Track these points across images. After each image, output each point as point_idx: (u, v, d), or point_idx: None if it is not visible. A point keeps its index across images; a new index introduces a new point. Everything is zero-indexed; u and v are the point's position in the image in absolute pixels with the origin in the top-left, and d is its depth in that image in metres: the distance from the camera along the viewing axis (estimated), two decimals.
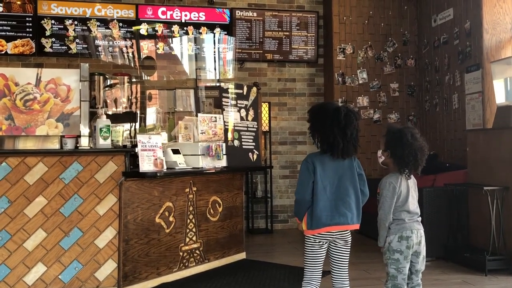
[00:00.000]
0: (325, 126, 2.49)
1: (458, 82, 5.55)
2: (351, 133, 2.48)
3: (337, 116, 2.47)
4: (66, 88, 3.52)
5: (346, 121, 2.46)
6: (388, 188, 2.60)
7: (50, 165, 3.41)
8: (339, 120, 2.46)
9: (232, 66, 5.77)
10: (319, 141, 2.54)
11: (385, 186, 2.62)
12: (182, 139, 4.35)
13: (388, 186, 2.61)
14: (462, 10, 5.51)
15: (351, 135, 2.48)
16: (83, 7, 6.02)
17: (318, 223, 2.49)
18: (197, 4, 6.30)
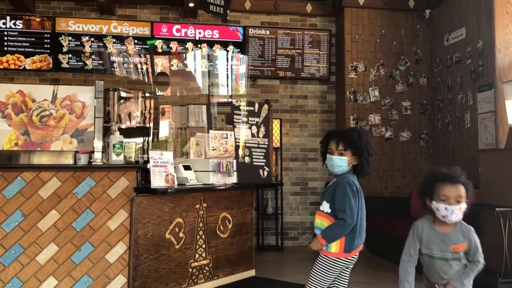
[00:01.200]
0: (368, 148, 2.61)
1: (471, 101, 5.54)
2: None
3: (368, 138, 2.68)
4: (81, 105, 3.60)
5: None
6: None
7: (63, 180, 3.47)
8: (370, 142, 2.66)
9: (244, 82, 5.84)
10: (366, 162, 2.60)
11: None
12: (194, 155, 4.39)
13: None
14: (474, 29, 5.52)
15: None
16: (100, 24, 6.16)
17: (355, 246, 2.55)
18: (211, 22, 6.40)
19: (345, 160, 2.59)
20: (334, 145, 2.62)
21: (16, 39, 5.97)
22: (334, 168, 2.62)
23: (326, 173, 6.60)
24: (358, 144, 2.59)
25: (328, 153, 2.65)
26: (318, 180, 6.63)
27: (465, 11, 5.70)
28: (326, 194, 2.63)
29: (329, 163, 2.63)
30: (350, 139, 2.60)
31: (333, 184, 2.64)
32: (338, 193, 2.54)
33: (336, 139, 2.62)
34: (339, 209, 2.52)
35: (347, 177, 2.59)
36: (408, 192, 6.15)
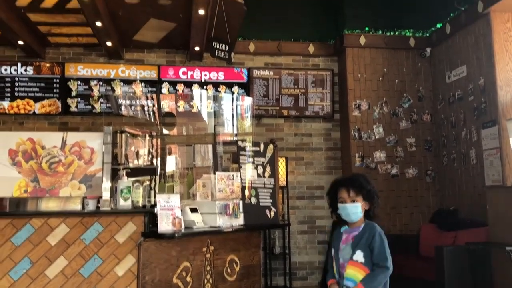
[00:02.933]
0: (376, 191, 2.68)
1: (475, 137, 5.57)
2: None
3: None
4: (90, 151, 3.66)
5: None
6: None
7: (72, 226, 3.49)
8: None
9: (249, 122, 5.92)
10: (377, 206, 2.67)
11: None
12: (200, 197, 4.41)
13: None
14: (475, 67, 5.61)
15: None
16: (108, 68, 6.32)
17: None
18: (217, 64, 6.54)
19: (358, 206, 2.62)
20: (345, 193, 2.65)
21: (26, 85, 6.12)
22: (350, 216, 2.64)
23: None
24: (368, 188, 2.65)
25: (339, 202, 2.66)
26: (325, 219, 6.60)
27: (465, 49, 5.81)
28: (358, 244, 2.58)
29: (343, 212, 2.65)
30: (359, 184, 2.65)
31: (363, 233, 2.61)
32: (376, 241, 2.55)
33: (346, 186, 2.66)
34: (380, 258, 2.53)
35: (376, 225, 2.64)
36: (416, 229, 6.09)
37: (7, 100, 6.04)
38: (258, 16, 6.41)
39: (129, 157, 4.75)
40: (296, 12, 6.83)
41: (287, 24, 6.81)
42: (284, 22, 6.80)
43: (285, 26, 6.80)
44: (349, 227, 2.70)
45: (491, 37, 5.26)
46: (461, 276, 4.47)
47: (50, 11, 5.28)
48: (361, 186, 2.64)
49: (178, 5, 5.17)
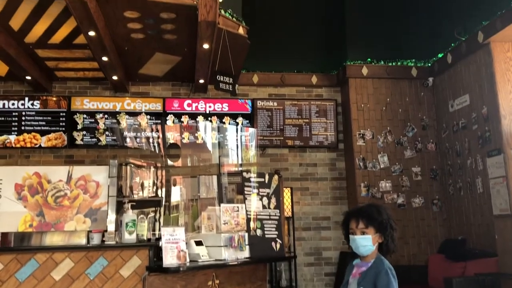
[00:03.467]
0: (391, 223, 2.51)
1: (481, 166, 5.54)
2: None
3: (389, 212, 2.58)
4: (95, 184, 3.67)
5: None
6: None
7: (76, 261, 3.46)
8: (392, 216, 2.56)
9: (254, 152, 5.93)
10: (391, 239, 2.49)
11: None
12: (205, 229, 4.38)
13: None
14: (478, 96, 5.64)
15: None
16: (114, 101, 6.40)
17: None
18: (221, 96, 6.62)
19: (368, 238, 2.46)
20: (354, 223, 2.52)
21: (33, 118, 6.20)
22: (359, 249, 2.49)
23: (340, 242, 6.51)
24: (379, 219, 2.47)
25: (350, 233, 2.53)
26: (332, 250, 6.52)
27: (467, 78, 5.86)
28: (363, 281, 2.44)
29: (353, 244, 2.51)
30: (369, 215, 2.49)
31: (370, 270, 2.47)
32: (382, 279, 2.39)
33: (355, 217, 2.52)
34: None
35: (385, 261, 2.47)
36: (424, 260, 6.00)
37: (14, 134, 6.11)
38: (261, 49, 6.52)
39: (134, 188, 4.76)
40: (299, 44, 6.95)
41: (290, 56, 6.92)
42: (287, 54, 6.91)
43: (288, 58, 6.90)
44: (360, 261, 2.56)
45: (492, 66, 5.31)
46: None
47: (58, 46, 5.40)
48: (371, 216, 2.48)
49: (183, 40, 5.28)
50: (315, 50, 7.03)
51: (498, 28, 5.10)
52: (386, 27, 6.74)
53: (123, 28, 4.96)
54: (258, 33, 6.08)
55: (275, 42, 6.84)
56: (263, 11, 6.89)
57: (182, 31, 5.06)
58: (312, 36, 7.05)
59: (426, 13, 6.72)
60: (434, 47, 6.52)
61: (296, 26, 7.00)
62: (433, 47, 6.54)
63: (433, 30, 6.54)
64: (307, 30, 7.04)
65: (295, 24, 7.01)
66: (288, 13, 7.03)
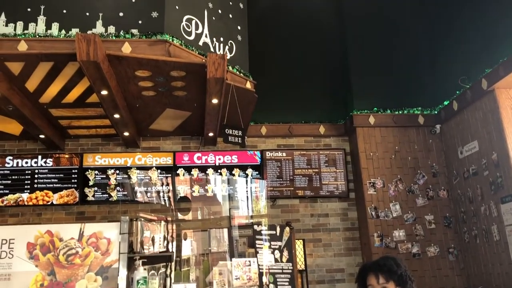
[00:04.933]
0: (409, 274, 2.47)
1: (495, 212, 5.46)
2: None
3: (405, 264, 2.55)
4: (107, 241, 3.67)
5: None
6: None
7: None
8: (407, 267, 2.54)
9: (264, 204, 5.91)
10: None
11: None
12: (217, 285, 4.32)
13: None
14: (486, 142, 5.65)
15: None
16: (125, 157, 6.49)
17: None
18: (230, 148, 6.68)
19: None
20: (374, 279, 2.44)
21: (45, 176, 6.28)
22: None
23: None
24: (398, 272, 2.42)
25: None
26: None
27: (475, 124, 5.89)
28: None
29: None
30: (389, 269, 2.43)
31: None
32: None
33: (374, 272, 2.45)
34: None
35: None
36: None
37: (27, 192, 6.17)
38: (268, 101, 6.65)
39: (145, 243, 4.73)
40: (306, 95, 7.08)
41: (297, 107, 7.03)
42: (294, 105, 7.03)
43: (295, 109, 7.02)
44: None
45: (498, 113, 5.35)
46: None
47: (71, 106, 5.55)
48: (391, 270, 2.42)
49: (192, 96, 5.42)
50: (322, 100, 7.15)
51: (501, 75, 5.18)
52: (391, 76, 6.87)
53: (134, 86, 5.11)
54: (265, 86, 6.23)
55: (282, 93, 6.99)
56: (269, 64, 7.08)
57: (192, 87, 5.20)
58: (318, 86, 7.19)
59: (430, 62, 6.87)
60: (440, 94, 6.60)
61: (302, 77, 7.17)
62: (438, 94, 6.63)
63: (438, 78, 6.66)
64: (313, 81, 7.20)
65: (301, 76, 7.18)
66: (294, 64, 7.22)
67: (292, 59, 7.24)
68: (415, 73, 6.87)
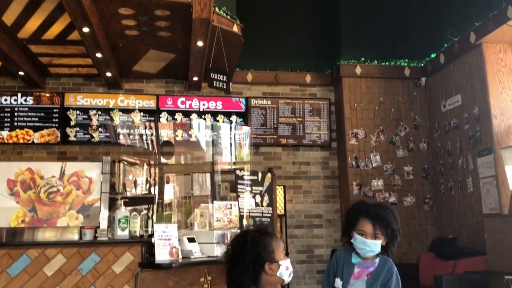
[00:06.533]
0: (400, 230, 2.41)
1: (471, 165, 5.60)
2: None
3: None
4: (88, 181, 3.68)
5: None
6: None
7: (69, 256, 3.46)
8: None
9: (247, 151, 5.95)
10: (394, 246, 2.40)
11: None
12: (198, 226, 4.39)
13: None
14: (469, 96, 5.70)
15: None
16: (107, 98, 6.39)
17: None
18: (215, 94, 6.62)
19: (379, 244, 2.34)
20: (369, 227, 2.35)
21: (26, 114, 6.17)
22: (366, 253, 2.37)
23: (332, 240, 6.56)
24: (395, 227, 2.35)
25: (358, 234, 2.36)
26: (324, 247, 6.56)
27: (460, 79, 5.91)
28: (374, 284, 2.35)
29: (360, 245, 2.36)
30: (388, 222, 2.34)
31: (378, 270, 2.38)
32: (393, 283, 2.34)
33: (373, 221, 2.35)
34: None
35: (391, 262, 2.40)
36: (415, 258, 6.05)
37: (6, 130, 6.08)
38: (255, 47, 6.53)
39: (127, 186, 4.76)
40: (293, 43, 6.97)
41: (284, 55, 6.94)
42: (281, 53, 6.93)
43: (282, 57, 6.92)
44: (361, 260, 2.42)
45: (484, 67, 5.36)
46: None
47: (51, 42, 5.38)
48: (389, 225, 2.34)
49: (177, 37, 5.28)
50: (309, 48, 7.06)
51: (490, 29, 5.15)
52: (380, 27, 6.77)
53: (117, 25, 4.95)
54: (252, 32, 6.09)
55: (269, 40, 6.86)
56: (257, 9, 6.89)
57: (176, 28, 5.06)
58: (306, 35, 7.07)
59: (419, 14, 6.76)
60: (427, 47, 6.56)
61: (290, 25, 7.02)
62: (426, 47, 6.59)
63: (427, 31, 6.58)
64: (301, 28, 7.06)
65: (289, 23, 7.03)
66: (283, 11, 7.05)
67: (281, 6, 7.05)
68: (404, 25, 6.78)
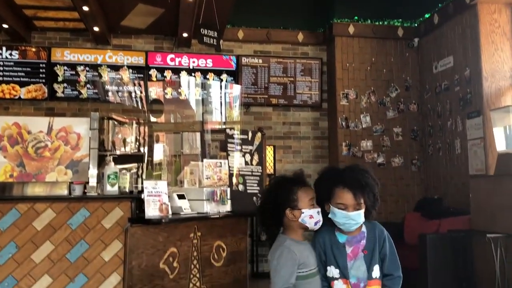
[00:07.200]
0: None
1: (460, 127, 5.64)
2: None
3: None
4: (77, 136, 3.64)
5: None
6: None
7: (58, 211, 3.47)
8: None
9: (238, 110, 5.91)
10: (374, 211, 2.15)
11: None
12: (188, 184, 4.42)
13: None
14: (461, 58, 5.67)
15: None
16: (95, 54, 6.25)
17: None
18: (205, 51, 6.51)
19: (362, 212, 2.05)
20: (350, 198, 2.03)
21: (11, 69, 6.04)
22: (351, 227, 2.06)
23: None
24: (376, 191, 2.10)
25: (337, 207, 2.04)
26: None
27: (452, 40, 5.86)
28: (373, 256, 2.08)
29: (342, 220, 2.03)
30: (370, 188, 2.07)
31: (370, 240, 2.11)
32: (387, 247, 2.10)
33: (353, 190, 2.03)
34: (394, 267, 2.10)
35: (378, 225, 2.17)
36: (401, 218, 6.18)
37: None
38: (247, 3, 6.37)
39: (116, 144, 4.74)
40: (286, 0, 6.81)
41: (277, 12, 6.78)
42: (273, 10, 6.77)
43: (274, 14, 6.77)
44: (348, 236, 2.12)
45: (477, 28, 5.31)
46: (444, 263, 4.56)
47: None
48: (371, 191, 2.07)
49: None
50: (302, 6, 6.90)
51: None
52: None
53: None
54: None
55: None
56: None
57: None
58: None
59: None
60: (422, 7, 6.46)
61: None
62: (420, 7, 6.48)
63: None
64: None
65: None
66: None
67: None
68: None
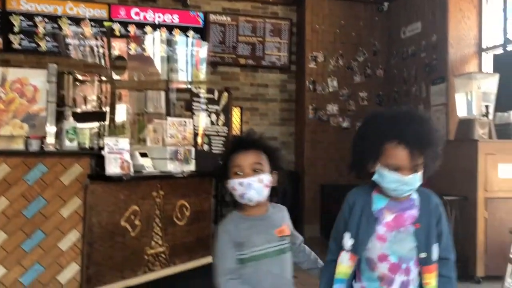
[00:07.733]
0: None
1: (424, 93, 5.73)
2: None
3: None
4: (33, 89, 3.46)
5: None
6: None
7: (13, 166, 3.34)
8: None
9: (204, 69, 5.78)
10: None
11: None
12: (151, 142, 4.33)
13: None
14: (429, 24, 5.69)
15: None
16: (54, 4, 5.93)
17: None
18: (171, 6, 6.28)
19: (420, 176, 1.55)
20: (406, 158, 1.51)
21: None
22: (404, 193, 1.57)
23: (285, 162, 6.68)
24: (439, 149, 1.56)
25: (390, 168, 1.53)
26: None
27: (422, 5, 5.86)
28: (430, 232, 1.61)
29: (393, 186, 1.55)
30: (433, 146, 1.54)
31: (424, 212, 1.62)
32: (443, 224, 1.65)
33: (410, 148, 1.50)
34: (449, 249, 1.69)
35: (434, 195, 1.68)
36: None
37: None
38: None
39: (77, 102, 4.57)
40: None
41: None
42: None
43: None
44: (391, 200, 1.62)
45: None
46: None
47: None
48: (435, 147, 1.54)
49: None
50: None
51: None
52: None
53: None
54: None
55: None
56: None
57: None
58: None
59: None
60: None
61: None
62: None
63: None
64: None
65: None
66: None
67: None
68: None
